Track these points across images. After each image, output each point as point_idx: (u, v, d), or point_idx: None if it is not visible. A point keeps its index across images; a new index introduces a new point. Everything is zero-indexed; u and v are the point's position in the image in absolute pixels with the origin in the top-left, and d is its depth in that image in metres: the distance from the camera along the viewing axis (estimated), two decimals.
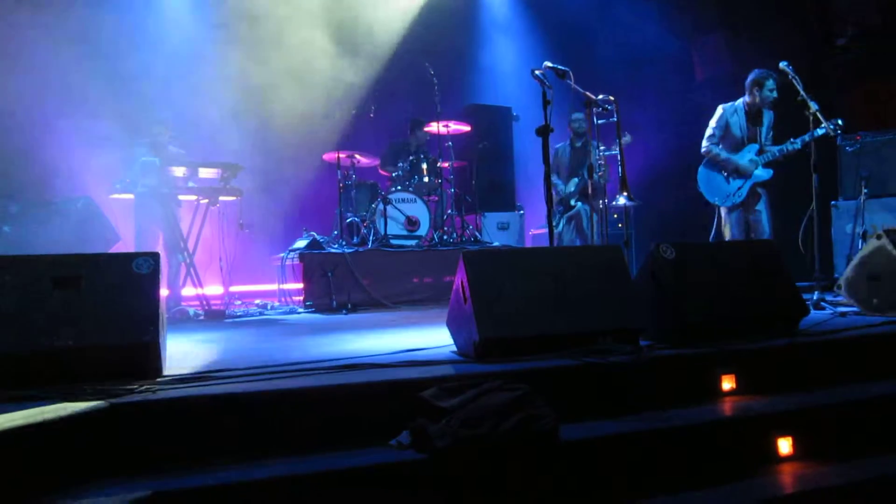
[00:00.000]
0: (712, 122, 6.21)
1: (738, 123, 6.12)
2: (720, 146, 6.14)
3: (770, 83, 5.91)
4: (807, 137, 5.44)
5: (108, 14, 7.94)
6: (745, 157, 6.03)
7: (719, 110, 6.21)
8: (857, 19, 8.28)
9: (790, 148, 5.80)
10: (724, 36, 9.72)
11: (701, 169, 6.26)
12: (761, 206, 6.02)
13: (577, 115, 7.49)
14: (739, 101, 6.17)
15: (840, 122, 5.40)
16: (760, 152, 6.01)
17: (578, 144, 7.56)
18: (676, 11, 9.41)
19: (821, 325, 3.83)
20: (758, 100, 6.01)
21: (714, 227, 6.29)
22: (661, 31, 9.42)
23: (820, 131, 5.36)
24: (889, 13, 7.93)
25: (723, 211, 6.18)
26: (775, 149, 5.91)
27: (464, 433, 2.25)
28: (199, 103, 8.20)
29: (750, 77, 6.05)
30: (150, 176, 6.01)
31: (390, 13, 9.77)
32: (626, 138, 7.04)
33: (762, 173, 5.97)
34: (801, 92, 5.25)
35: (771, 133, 6.13)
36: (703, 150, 6.21)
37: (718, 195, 6.14)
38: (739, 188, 6.01)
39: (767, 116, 6.14)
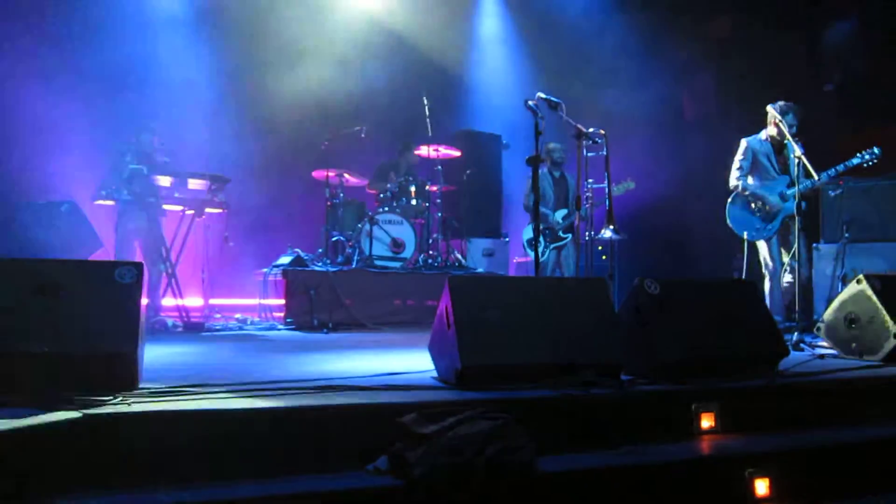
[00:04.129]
0: (738, 156, 5.98)
1: (766, 155, 5.88)
2: (750, 179, 5.91)
3: (790, 117, 5.71)
4: (841, 167, 5.35)
5: (99, 19, 7.94)
6: (776, 191, 5.80)
7: (743, 143, 5.99)
8: (845, 67, 8.45)
9: (822, 180, 5.55)
10: (714, 77, 9.90)
11: (729, 205, 6.03)
12: (795, 234, 5.58)
13: (556, 145, 7.50)
14: (762, 134, 5.96)
15: (877, 151, 5.36)
16: (791, 185, 5.72)
17: (557, 174, 7.56)
18: (668, 50, 9.56)
19: (799, 366, 3.86)
20: (778, 132, 5.77)
21: (745, 260, 6.04)
22: (652, 68, 9.56)
23: (855, 161, 5.34)
24: (876, 62, 8.11)
25: (760, 246, 5.95)
26: (808, 182, 5.57)
27: (442, 461, 2.23)
28: (189, 114, 8.19)
29: (771, 108, 5.82)
30: (136, 184, 5.97)
31: (386, 34, 9.87)
32: (630, 184, 7.05)
33: (793, 206, 5.55)
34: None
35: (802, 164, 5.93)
36: (731, 185, 5.98)
37: (749, 229, 5.89)
38: (769, 223, 5.81)
39: (796, 147, 5.82)
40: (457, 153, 8.64)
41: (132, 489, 2.18)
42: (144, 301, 2.96)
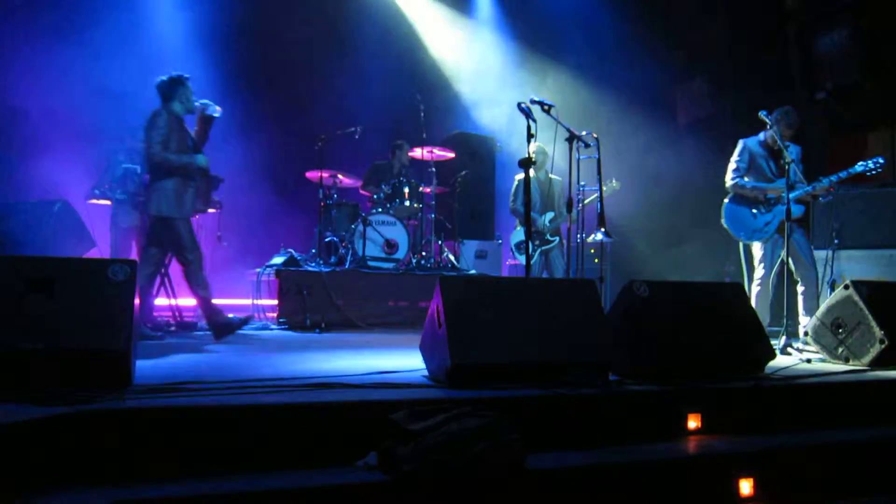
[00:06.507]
0: (734, 157, 5.88)
1: (765, 157, 5.78)
2: (746, 179, 5.80)
3: (785, 122, 5.65)
4: (843, 174, 5.34)
5: (90, 19, 7.93)
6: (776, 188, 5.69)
7: (740, 144, 5.90)
8: (837, 76, 8.53)
9: (819, 186, 5.45)
10: (708, 82, 9.96)
11: (726, 205, 5.91)
12: (797, 235, 5.62)
13: (536, 145, 7.51)
14: (761, 135, 5.87)
15: (881, 160, 5.35)
16: (791, 188, 5.57)
17: (543, 177, 7.55)
18: (663, 55, 9.62)
19: (786, 369, 3.90)
20: (779, 134, 5.63)
21: (744, 263, 5.98)
22: (647, 72, 9.62)
23: (858, 168, 5.35)
24: (867, 72, 8.18)
25: (754, 247, 5.84)
26: (807, 186, 5.54)
27: (431, 457, 2.26)
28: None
29: (775, 112, 5.73)
30: (130, 183, 5.99)
31: (380, 35, 9.91)
32: (615, 184, 7.07)
33: (792, 209, 5.49)
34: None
35: (801, 167, 5.74)
36: (728, 185, 5.86)
37: (744, 231, 5.78)
38: (767, 223, 5.66)
39: (795, 150, 5.76)
40: (450, 155, 8.68)
41: (125, 484, 2.20)
42: (137, 300, 2.98)
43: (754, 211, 5.79)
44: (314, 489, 2.26)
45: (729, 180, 5.90)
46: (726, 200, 5.96)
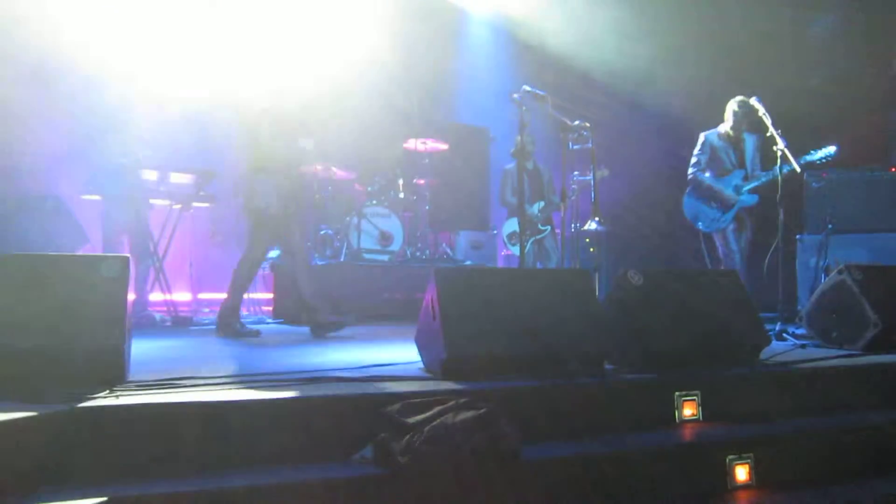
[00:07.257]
0: (696, 150, 6.25)
1: (724, 149, 6.15)
2: (706, 173, 6.19)
3: (747, 108, 5.87)
4: (801, 161, 5.45)
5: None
6: (731, 185, 6.08)
7: (701, 137, 6.25)
8: (827, 63, 8.52)
9: (776, 175, 5.44)
10: (701, 69, 9.93)
11: (686, 197, 6.30)
12: (746, 233, 6.09)
13: (530, 137, 7.51)
14: (721, 128, 6.24)
15: (832, 153, 5.52)
16: (746, 178, 6.05)
17: (530, 166, 7.52)
18: (654, 39, 9.59)
19: (781, 355, 3.91)
20: (736, 124, 6.09)
21: (706, 253, 6.32)
22: (638, 56, 9.59)
23: (808, 157, 5.48)
24: (856, 60, 8.18)
25: (715, 236, 6.21)
26: (762, 175, 5.93)
27: (427, 450, 2.26)
28: (176, 108, 8.14)
29: (730, 103, 6.12)
30: (122, 178, 5.95)
31: (372, 27, 9.85)
32: (604, 171, 7.09)
33: (747, 199, 6.00)
34: (770, 129, 5.37)
35: (758, 156, 6.14)
36: (689, 177, 6.25)
37: (703, 221, 6.20)
38: (724, 213, 6.08)
39: (751, 140, 6.17)
40: (444, 146, 8.66)
41: (121, 481, 2.19)
42: (131, 296, 2.97)
43: (712, 203, 6.15)
44: (310, 483, 2.26)
45: (689, 173, 6.27)
46: (686, 193, 6.32)
